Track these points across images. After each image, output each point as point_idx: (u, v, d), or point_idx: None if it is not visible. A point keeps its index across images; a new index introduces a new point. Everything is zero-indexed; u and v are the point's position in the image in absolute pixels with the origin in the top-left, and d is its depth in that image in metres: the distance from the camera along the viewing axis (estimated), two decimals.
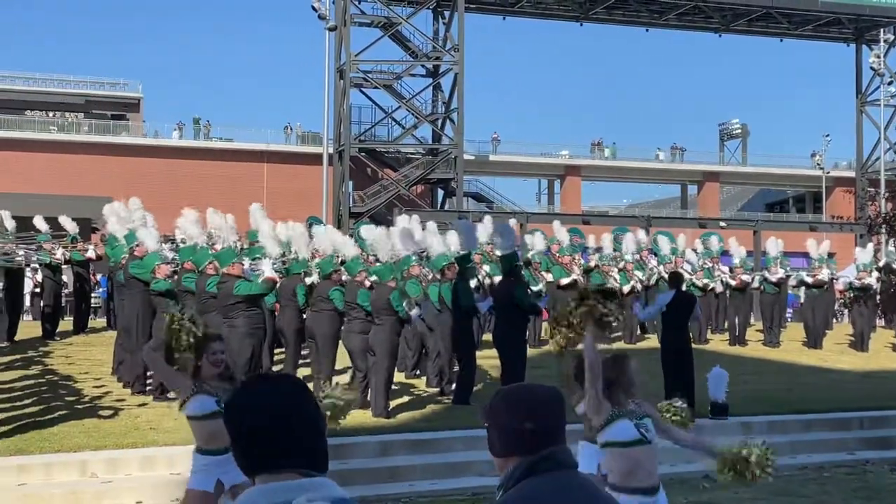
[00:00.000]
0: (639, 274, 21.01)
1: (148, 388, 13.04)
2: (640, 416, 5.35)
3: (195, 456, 6.39)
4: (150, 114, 62.36)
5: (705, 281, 21.15)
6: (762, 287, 21.48)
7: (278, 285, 13.15)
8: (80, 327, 18.93)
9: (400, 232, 16.18)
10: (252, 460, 2.29)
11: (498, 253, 15.44)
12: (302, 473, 2.25)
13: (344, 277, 14.33)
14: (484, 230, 18.70)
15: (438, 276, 14.58)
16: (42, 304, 19.61)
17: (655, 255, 21.93)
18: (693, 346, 13.73)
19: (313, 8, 40.50)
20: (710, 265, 21.96)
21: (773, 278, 20.95)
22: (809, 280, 21.39)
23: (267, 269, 11.84)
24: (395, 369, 13.64)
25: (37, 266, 19.73)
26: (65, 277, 20.12)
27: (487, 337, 16.45)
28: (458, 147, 49.54)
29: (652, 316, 13.58)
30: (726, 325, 21.76)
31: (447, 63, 50.58)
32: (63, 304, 20.56)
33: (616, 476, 5.23)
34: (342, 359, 13.57)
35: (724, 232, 26.39)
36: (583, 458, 6.02)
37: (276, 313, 14.70)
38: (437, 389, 14.14)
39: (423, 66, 52.75)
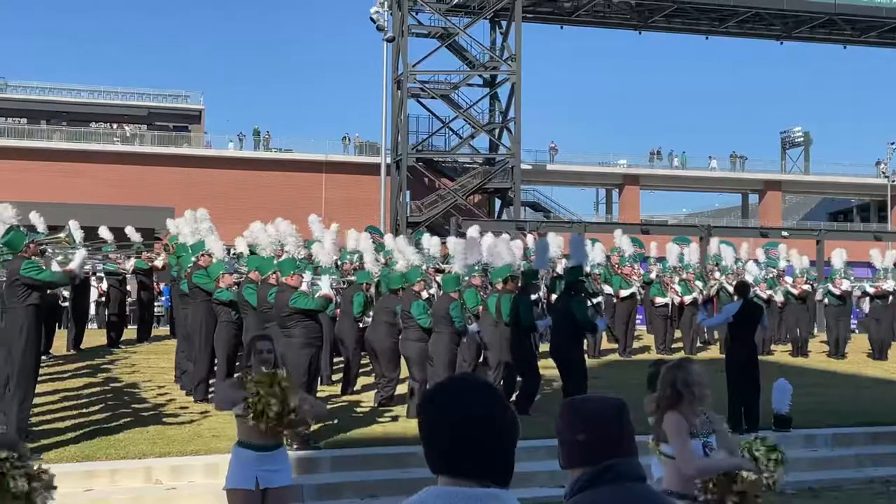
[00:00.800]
0: (699, 284, 20.79)
1: (210, 395, 13.19)
2: (707, 434, 5.28)
3: (235, 449, 6.43)
4: (212, 125, 63.26)
5: (769, 292, 20.86)
6: (826, 298, 21.15)
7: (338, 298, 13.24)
8: (144, 336, 19.23)
9: (466, 242, 16.19)
10: (437, 460, 2.28)
11: (567, 265, 15.27)
12: (482, 483, 2.24)
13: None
14: (554, 244, 18.64)
15: (499, 287, 14.46)
16: (107, 313, 19.95)
17: (717, 265, 21.67)
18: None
19: (372, 19, 40.81)
20: (774, 275, 21.66)
21: (838, 290, 20.61)
22: (872, 291, 21.00)
23: (325, 286, 11.87)
24: None
25: (102, 275, 20.09)
26: (128, 287, 20.46)
27: (544, 348, 16.40)
28: (516, 156, 49.48)
29: (717, 324, 13.32)
30: (788, 336, 21.43)
31: (504, 72, 50.58)
32: (127, 313, 20.91)
33: (671, 483, 5.18)
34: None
35: (787, 241, 25.97)
36: (656, 466, 5.92)
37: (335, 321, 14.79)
38: None
39: (480, 75, 52.80)
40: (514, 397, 13.55)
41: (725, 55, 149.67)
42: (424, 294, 13.35)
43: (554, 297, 16.83)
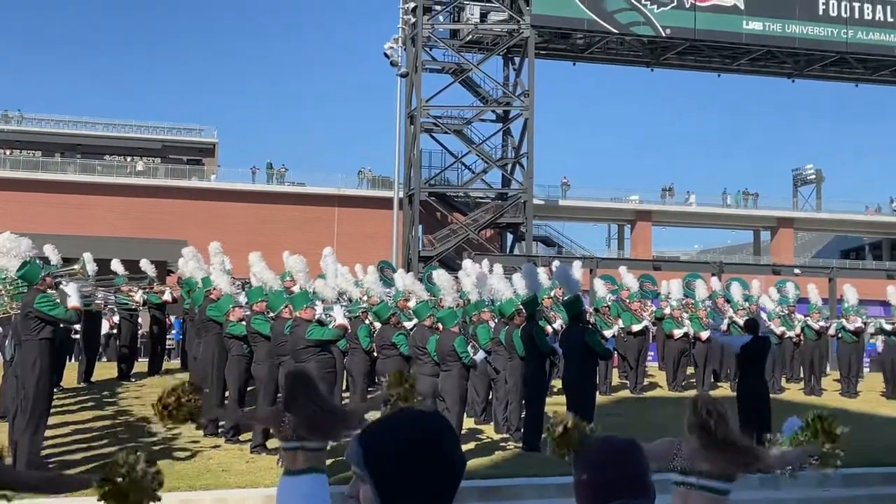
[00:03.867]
0: (712, 321, 20.74)
1: (220, 430, 13.18)
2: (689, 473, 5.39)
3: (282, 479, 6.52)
4: (225, 158, 63.62)
5: (782, 329, 20.79)
6: (839, 335, 21.07)
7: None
8: (155, 369, 19.24)
9: (472, 276, 16.27)
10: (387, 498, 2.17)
11: (563, 298, 15.42)
12: None
13: (409, 324, 14.57)
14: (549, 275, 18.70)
15: (507, 322, 14.57)
16: (118, 346, 19.99)
17: (729, 301, 21.63)
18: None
19: (385, 55, 41.12)
20: (787, 312, 21.60)
21: (852, 326, 20.54)
22: (889, 327, 20.90)
23: (339, 316, 11.99)
24: (465, 414, 13.64)
25: (113, 308, 20.15)
26: (140, 320, 20.52)
27: (556, 382, 16.37)
28: (528, 192, 49.59)
29: (725, 343, 13.21)
30: (801, 374, 21.33)
31: (517, 108, 50.83)
32: (139, 346, 20.94)
33: None
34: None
35: (799, 279, 25.91)
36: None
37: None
38: (506, 435, 14.07)
39: (493, 111, 53.05)
40: (521, 433, 13.55)
41: (737, 92, 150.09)
42: (408, 325, 13.57)
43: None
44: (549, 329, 16.12)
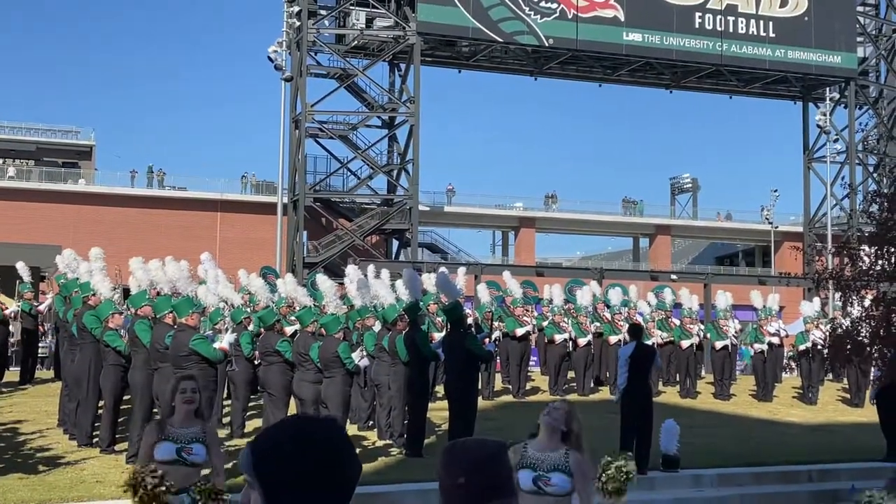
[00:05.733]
0: (594, 325, 21.16)
1: (95, 440, 12.82)
2: (549, 469, 5.67)
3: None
4: (103, 162, 61.94)
5: (663, 333, 21.37)
6: (708, 337, 21.86)
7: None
8: (27, 378, 18.59)
9: (355, 282, 16.24)
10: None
11: (442, 304, 15.55)
12: None
13: (289, 329, 14.50)
14: (433, 281, 18.80)
15: (389, 327, 14.56)
16: None
17: (608, 306, 22.08)
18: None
19: (270, 58, 40.69)
20: (663, 317, 22.18)
21: (726, 339, 21.23)
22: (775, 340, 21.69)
23: (225, 340, 11.90)
24: (349, 421, 13.59)
25: None
26: (11, 327, 19.77)
27: (439, 388, 16.45)
28: (413, 198, 49.71)
29: (624, 376, 13.18)
30: (678, 377, 21.91)
31: (403, 114, 50.91)
32: (10, 355, 20.19)
33: None
34: (292, 407, 13.47)
35: (675, 285, 26.65)
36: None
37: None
38: (389, 441, 14.07)
39: (378, 117, 53.02)
40: (404, 439, 13.57)
41: (618, 102, 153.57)
42: (289, 330, 13.54)
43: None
44: (434, 336, 16.20)
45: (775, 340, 21.83)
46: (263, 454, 2.12)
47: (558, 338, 20.40)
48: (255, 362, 14.45)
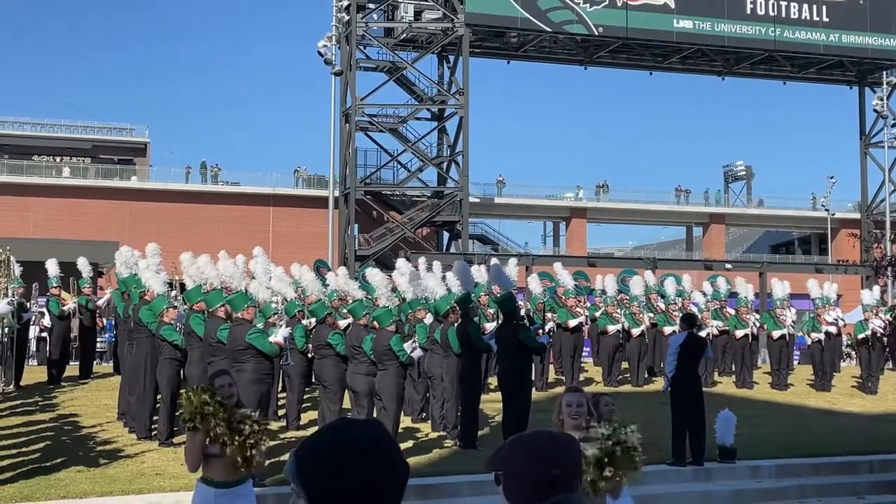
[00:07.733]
0: (648, 316, 21.01)
1: (154, 433, 13.00)
2: None
3: (198, 485, 6.38)
4: (158, 158, 62.68)
5: (717, 323, 21.16)
6: (765, 327, 21.59)
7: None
8: (86, 372, 18.90)
9: (406, 275, 16.26)
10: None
11: (494, 296, 15.50)
12: None
13: (343, 323, 14.54)
14: (483, 272, 18.79)
15: (441, 320, 14.54)
16: (48, 349, 19.58)
17: (662, 297, 21.91)
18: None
19: (319, 53, 40.84)
20: (717, 307, 21.95)
21: (783, 329, 20.94)
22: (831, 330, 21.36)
23: (280, 334, 11.96)
24: (403, 413, 13.63)
25: (44, 311, 19.73)
26: (71, 323, 20.06)
27: (492, 379, 16.43)
28: (464, 190, 49.70)
29: (673, 364, 13.09)
30: (733, 367, 21.68)
31: (452, 106, 50.90)
32: (70, 350, 20.53)
33: None
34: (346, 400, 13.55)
35: (730, 274, 26.36)
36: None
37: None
38: (443, 433, 14.08)
39: (428, 109, 53.05)
40: (458, 430, 13.57)
41: (669, 90, 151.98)
42: (342, 324, 13.60)
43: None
44: (486, 327, 16.14)
45: (833, 329, 21.50)
46: (308, 461, 2.10)
47: (611, 328, 20.29)
48: (309, 355, 14.55)
